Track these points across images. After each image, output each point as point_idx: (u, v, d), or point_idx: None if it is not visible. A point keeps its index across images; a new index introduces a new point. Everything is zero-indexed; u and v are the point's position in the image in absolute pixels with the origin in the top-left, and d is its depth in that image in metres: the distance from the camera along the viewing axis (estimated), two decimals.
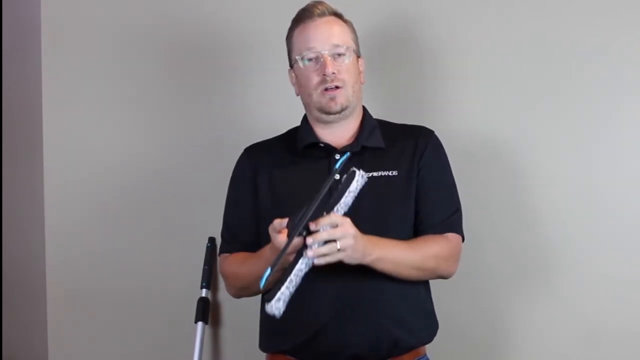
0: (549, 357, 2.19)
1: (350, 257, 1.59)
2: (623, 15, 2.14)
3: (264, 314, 1.84)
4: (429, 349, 1.83)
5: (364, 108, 1.86)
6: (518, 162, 2.19)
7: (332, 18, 1.80)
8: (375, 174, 1.75)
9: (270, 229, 1.58)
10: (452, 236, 1.81)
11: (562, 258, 2.17)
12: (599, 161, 2.16)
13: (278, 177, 1.76)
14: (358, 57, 1.83)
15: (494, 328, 2.22)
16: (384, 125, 1.86)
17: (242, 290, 1.84)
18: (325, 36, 1.77)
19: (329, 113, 1.77)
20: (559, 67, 2.17)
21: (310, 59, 1.77)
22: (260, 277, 1.60)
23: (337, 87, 1.75)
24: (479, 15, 2.21)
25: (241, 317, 2.26)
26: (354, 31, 1.84)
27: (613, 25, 2.15)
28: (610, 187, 2.15)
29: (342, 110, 1.77)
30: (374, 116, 1.88)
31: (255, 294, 1.83)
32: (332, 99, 1.76)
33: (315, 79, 1.76)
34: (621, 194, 2.15)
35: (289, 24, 1.85)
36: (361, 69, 1.83)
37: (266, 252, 1.66)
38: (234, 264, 1.82)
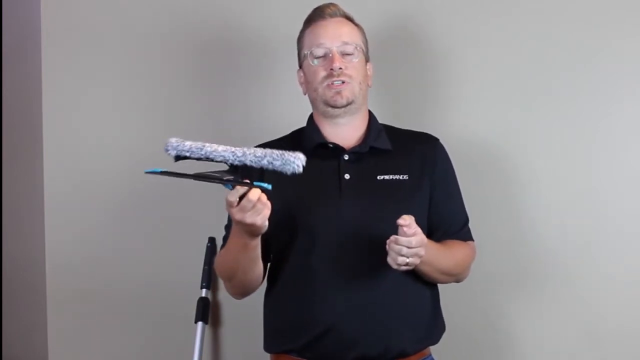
0: (551, 358, 2.19)
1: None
2: (622, 16, 2.14)
3: (268, 314, 1.84)
4: (432, 348, 1.83)
5: (370, 112, 1.86)
6: (517, 164, 2.19)
7: (344, 19, 1.82)
8: (386, 177, 1.76)
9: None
10: (472, 244, 1.87)
11: (563, 259, 2.17)
12: (598, 163, 2.16)
13: (285, 178, 1.75)
14: (367, 61, 1.84)
15: (496, 329, 2.22)
16: (389, 129, 1.86)
17: (227, 282, 1.82)
18: (336, 34, 1.78)
19: (334, 107, 1.77)
20: (559, 71, 2.17)
21: (319, 57, 1.78)
22: (233, 269, 1.69)
23: (343, 83, 1.76)
24: (479, 19, 2.21)
25: (241, 317, 2.27)
26: (364, 35, 1.85)
27: (613, 27, 2.15)
28: (609, 188, 2.15)
29: (348, 104, 1.77)
30: None
31: (242, 286, 1.79)
32: (338, 92, 1.76)
33: (322, 73, 1.77)
34: (620, 195, 2.15)
35: (297, 24, 1.86)
36: (369, 73, 1.84)
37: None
38: (219, 256, 1.83)
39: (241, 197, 1.50)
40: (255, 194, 1.50)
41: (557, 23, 2.17)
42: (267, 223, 1.55)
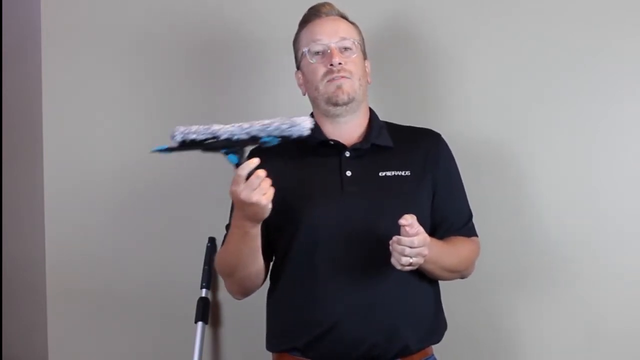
0: (552, 357, 2.19)
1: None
2: (622, 16, 2.14)
3: (271, 313, 1.84)
4: (434, 347, 1.83)
5: (370, 109, 1.86)
6: (517, 164, 2.19)
7: (339, 18, 1.83)
8: (388, 173, 1.76)
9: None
10: (477, 240, 1.87)
11: (563, 259, 2.17)
12: (598, 163, 2.16)
13: (287, 177, 1.73)
14: (365, 58, 1.84)
15: (497, 328, 2.22)
16: (390, 126, 1.86)
17: (227, 279, 1.81)
18: (333, 30, 1.78)
19: (336, 104, 1.76)
20: (559, 71, 2.17)
21: (317, 53, 1.78)
22: (233, 263, 1.70)
23: (343, 77, 1.75)
24: (479, 19, 2.21)
25: (241, 317, 2.27)
26: (360, 33, 1.85)
27: (613, 26, 2.15)
28: (609, 188, 2.15)
29: (350, 101, 1.76)
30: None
31: (242, 283, 1.78)
32: (339, 87, 1.75)
33: (321, 70, 1.76)
34: (620, 195, 2.15)
35: (295, 22, 1.86)
36: (367, 70, 1.84)
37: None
38: (219, 253, 1.83)
39: (248, 175, 1.53)
40: (262, 171, 1.52)
41: (557, 23, 2.17)
42: (270, 206, 1.55)
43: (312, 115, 1.85)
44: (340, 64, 1.75)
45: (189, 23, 2.34)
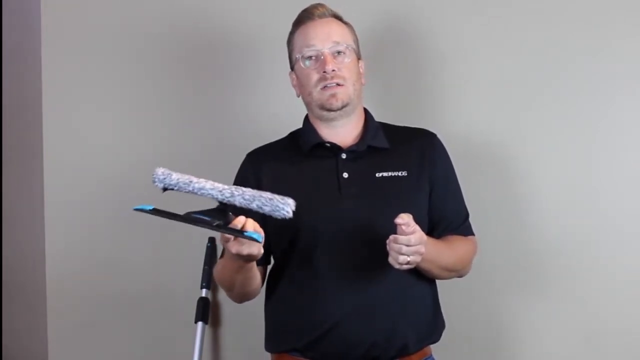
0: (552, 357, 2.19)
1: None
2: (622, 16, 2.14)
3: (270, 314, 1.84)
4: (433, 347, 1.83)
5: (365, 110, 1.86)
6: (517, 164, 2.19)
7: (333, 19, 1.81)
8: (385, 174, 1.76)
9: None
10: (474, 238, 1.87)
11: (563, 259, 2.17)
12: (598, 163, 2.16)
13: (284, 180, 1.75)
14: (358, 59, 1.84)
15: (496, 328, 2.22)
16: (386, 127, 1.86)
17: (228, 292, 1.84)
18: (325, 34, 1.77)
19: (330, 110, 1.76)
20: (559, 71, 2.17)
21: (310, 57, 1.77)
22: (230, 284, 1.71)
23: (337, 85, 1.75)
24: (479, 19, 2.21)
25: (241, 317, 2.27)
26: (354, 33, 1.84)
27: (613, 26, 2.15)
28: (609, 188, 2.15)
29: (343, 106, 1.76)
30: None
31: (241, 296, 1.82)
32: (333, 95, 1.75)
33: (315, 76, 1.76)
34: (620, 195, 2.15)
35: (291, 25, 1.85)
36: (361, 70, 1.84)
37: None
38: (217, 269, 1.84)
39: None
40: (250, 225, 1.49)
41: (557, 23, 2.17)
42: (262, 250, 1.54)
43: (307, 116, 1.86)
44: (334, 70, 1.74)
45: (189, 23, 2.34)
